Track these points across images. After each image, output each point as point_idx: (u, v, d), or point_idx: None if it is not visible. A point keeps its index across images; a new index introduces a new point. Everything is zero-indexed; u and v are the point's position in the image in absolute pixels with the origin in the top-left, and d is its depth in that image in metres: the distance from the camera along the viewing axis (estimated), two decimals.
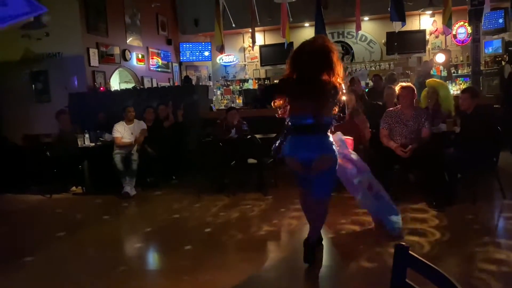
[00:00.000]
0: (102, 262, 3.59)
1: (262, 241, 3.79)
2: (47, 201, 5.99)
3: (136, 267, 3.52)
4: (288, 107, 3.04)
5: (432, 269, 1.03)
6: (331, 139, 3.03)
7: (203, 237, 4.04)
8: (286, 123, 3.12)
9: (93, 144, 6.29)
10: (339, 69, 2.95)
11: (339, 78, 2.95)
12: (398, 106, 5.00)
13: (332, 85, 2.90)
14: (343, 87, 3.02)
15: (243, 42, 12.25)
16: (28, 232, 4.63)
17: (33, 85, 8.16)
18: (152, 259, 3.87)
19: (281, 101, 3.06)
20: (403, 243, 1.17)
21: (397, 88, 5.39)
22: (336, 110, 3.04)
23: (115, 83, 9.75)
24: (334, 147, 3.01)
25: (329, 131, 3.05)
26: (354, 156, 3.59)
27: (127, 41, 9.26)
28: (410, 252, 1.13)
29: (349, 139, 3.64)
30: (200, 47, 11.55)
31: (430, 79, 5.84)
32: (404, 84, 4.96)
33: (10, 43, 7.89)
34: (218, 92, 11.78)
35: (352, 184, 3.59)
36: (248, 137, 5.68)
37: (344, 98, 3.05)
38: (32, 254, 3.76)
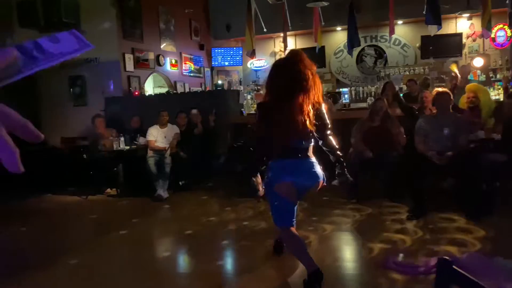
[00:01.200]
0: (134, 264, 3.66)
1: None
2: (83, 202, 6.17)
3: (168, 270, 3.57)
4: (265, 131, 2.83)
5: (480, 286, 0.98)
6: (313, 159, 2.84)
7: (234, 242, 4.05)
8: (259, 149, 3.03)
9: (128, 147, 6.44)
10: (317, 88, 2.70)
11: (317, 97, 2.71)
12: (434, 111, 4.87)
13: (307, 108, 2.65)
14: (322, 106, 2.78)
15: (274, 47, 12.25)
16: (65, 232, 4.79)
17: (71, 89, 8.45)
18: (183, 262, 3.92)
19: None
20: (446, 257, 1.13)
21: (433, 93, 5.26)
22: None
23: (149, 88, 9.96)
24: (319, 169, 2.84)
25: (311, 151, 2.84)
26: None
27: (161, 47, 9.45)
28: (454, 266, 1.09)
29: None
30: (231, 52, 11.64)
31: (471, 84, 5.67)
32: (440, 89, 4.82)
33: None
34: (249, 97, 11.81)
35: None
36: None
37: (326, 116, 2.80)
38: (67, 254, 3.88)
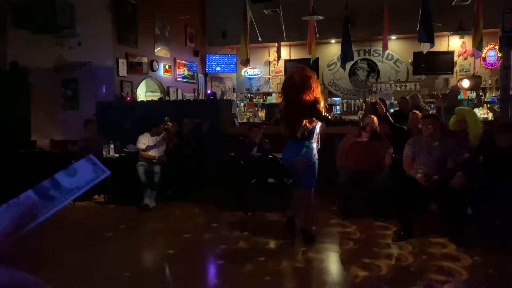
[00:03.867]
0: (114, 275, 3.66)
1: (275, 265, 3.79)
2: (70, 207, 6.12)
3: (149, 283, 3.56)
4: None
5: None
6: (312, 145, 4.12)
7: (217, 256, 4.06)
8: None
9: (118, 155, 6.41)
10: (317, 89, 4.07)
11: (318, 94, 4.05)
12: (423, 132, 4.92)
13: (311, 102, 3.98)
14: (321, 99, 4.10)
15: (269, 56, 12.32)
16: (45, 239, 4.74)
17: (63, 92, 8.40)
18: (165, 275, 3.91)
19: None
20: (431, 283, 1.16)
21: (419, 116, 5.33)
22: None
23: (141, 93, 9.94)
24: (311, 152, 4.11)
25: (313, 139, 4.15)
26: None
27: (155, 52, 9.44)
28: None
29: None
30: (226, 59, 11.68)
31: (460, 108, 5.76)
32: (427, 113, 4.89)
33: (45, 50, 8.17)
34: (241, 104, 11.86)
35: None
36: (270, 156, 5.69)
37: (322, 104, 4.12)
38: (47, 264, 3.86)
